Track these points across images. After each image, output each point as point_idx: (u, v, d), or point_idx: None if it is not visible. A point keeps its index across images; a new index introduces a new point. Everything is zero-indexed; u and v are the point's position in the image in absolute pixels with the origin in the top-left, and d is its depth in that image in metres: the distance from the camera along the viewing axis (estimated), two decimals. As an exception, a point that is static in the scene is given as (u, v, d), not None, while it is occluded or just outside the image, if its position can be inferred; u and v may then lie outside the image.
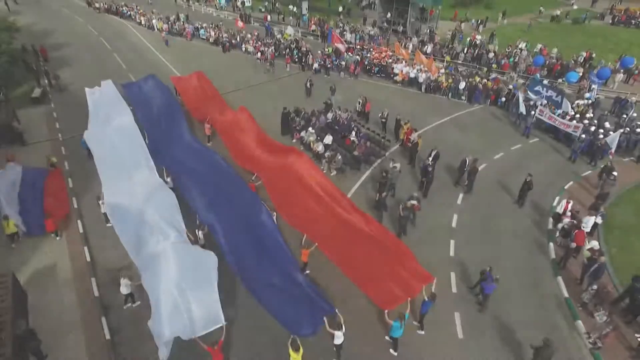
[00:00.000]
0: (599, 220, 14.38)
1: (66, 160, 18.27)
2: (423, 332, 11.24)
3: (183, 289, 10.34)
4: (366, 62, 28.81)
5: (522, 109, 22.18)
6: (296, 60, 29.91)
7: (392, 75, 27.77)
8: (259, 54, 30.43)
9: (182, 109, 21.64)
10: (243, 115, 20.13)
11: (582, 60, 29.83)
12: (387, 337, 10.93)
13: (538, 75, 26.34)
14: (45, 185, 15.80)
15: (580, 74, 27.83)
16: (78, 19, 42.26)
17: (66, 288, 12.35)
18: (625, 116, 21.60)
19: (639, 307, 11.28)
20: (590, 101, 23.45)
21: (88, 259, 13.35)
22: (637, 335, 11.05)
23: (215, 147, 19.47)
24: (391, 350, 10.75)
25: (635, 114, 21.73)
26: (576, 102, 23.53)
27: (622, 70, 27.34)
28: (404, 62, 27.83)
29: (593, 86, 24.18)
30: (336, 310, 10.76)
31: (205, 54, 32.57)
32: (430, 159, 17.27)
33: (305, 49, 29.88)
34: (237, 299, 12.15)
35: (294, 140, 20.58)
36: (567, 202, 14.89)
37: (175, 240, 11.91)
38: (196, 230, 13.34)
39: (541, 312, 12.13)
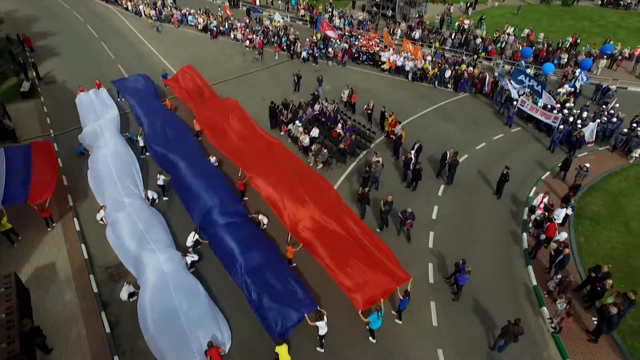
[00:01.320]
0: (569, 211, 15.25)
1: (59, 157, 18.61)
2: (401, 322, 12.17)
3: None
4: (354, 50, 28.95)
5: (515, 94, 22.47)
6: (284, 48, 29.96)
7: (379, 63, 28.02)
8: (248, 41, 30.40)
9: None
10: (231, 107, 20.57)
11: (567, 46, 30.19)
12: (367, 326, 11.86)
13: (523, 62, 26.69)
14: (34, 159, 16.22)
15: (565, 60, 28.35)
16: (62, 4, 41.42)
17: (66, 285, 13.10)
18: (604, 106, 22.22)
19: (596, 293, 12.25)
20: (571, 89, 23.99)
21: (86, 256, 14.05)
22: (593, 318, 12.09)
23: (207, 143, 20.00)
24: (370, 338, 11.69)
25: (617, 104, 22.33)
26: (558, 90, 24.11)
27: (605, 57, 27.75)
28: (391, 50, 28.00)
29: (576, 74, 24.65)
30: (317, 307, 11.59)
31: (194, 42, 32.38)
32: (413, 152, 17.90)
33: (293, 37, 29.86)
34: (229, 293, 12.98)
35: (282, 133, 21.07)
36: (544, 196, 15.62)
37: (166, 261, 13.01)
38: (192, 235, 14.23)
39: (511, 299, 13.10)
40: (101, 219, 15.18)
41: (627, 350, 11.28)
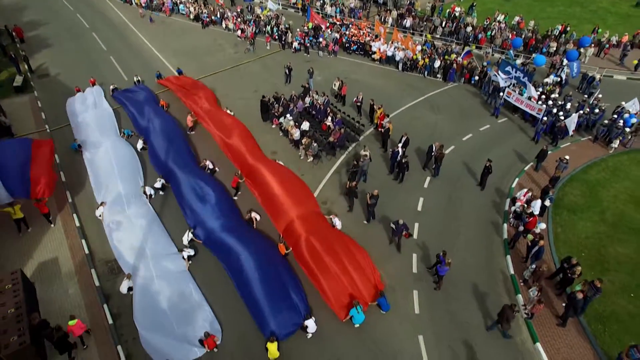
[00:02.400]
0: (548, 203, 16.02)
1: (56, 153, 19.01)
2: (384, 312, 13.02)
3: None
4: (345, 40, 29.13)
5: (503, 83, 22.88)
6: (276, 38, 30.06)
7: (370, 53, 28.27)
8: (240, 31, 30.44)
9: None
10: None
11: (557, 33, 30.45)
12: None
13: (512, 52, 27.04)
14: (33, 154, 16.67)
15: (554, 49, 28.70)
16: (51, -9, 40.86)
17: (69, 279, 13.82)
18: (586, 96, 22.77)
19: (567, 281, 13.13)
20: (557, 79, 24.47)
21: (86, 251, 14.73)
22: (563, 304, 13.00)
23: (201, 138, 20.50)
24: (355, 325, 12.56)
25: (600, 95, 22.86)
26: (545, 80, 24.60)
27: (592, 45, 28.11)
28: (382, 39, 28.21)
29: (563, 64, 25.08)
30: (307, 315, 12.31)
31: (186, 32, 32.33)
32: (400, 145, 18.49)
33: (283, 27, 29.93)
34: (224, 288, 13.77)
35: (273, 126, 21.55)
36: (527, 192, 16.18)
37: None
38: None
39: (489, 287, 13.94)
40: (100, 215, 15.82)
41: (591, 333, 12.23)
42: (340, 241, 14.24)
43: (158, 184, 17.10)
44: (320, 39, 28.71)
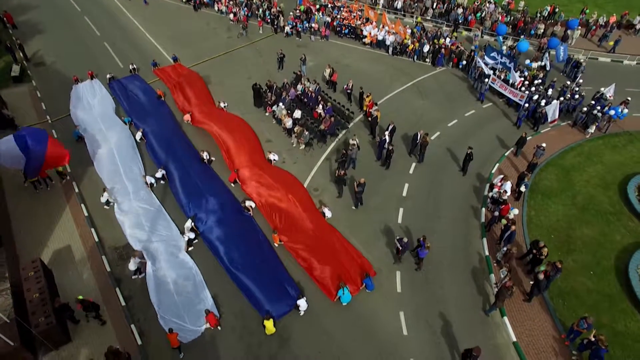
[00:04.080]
0: (523, 189, 17.27)
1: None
2: (369, 291, 14.46)
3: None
4: (336, 24, 29.45)
5: (487, 70, 23.72)
6: (268, 21, 30.29)
7: (361, 37, 28.70)
8: (232, 15, 30.60)
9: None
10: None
11: (546, 14, 30.85)
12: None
13: (500, 38, 27.56)
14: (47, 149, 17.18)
15: (542, 31, 29.22)
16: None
17: (82, 265, 15.10)
18: (568, 82, 23.61)
19: (536, 261, 14.55)
20: (542, 64, 25.19)
21: (96, 239, 15.96)
22: (531, 282, 14.46)
23: (198, 130, 21.36)
24: (343, 303, 14.04)
25: (581, 80, 23.70)
26: (530, 64, 25.32)
27: (579, 27, 28.63)
28: (373, 23, 28.57)
29: (546, 55, 25.64)
30: (299, 296, 13.72)
31: (178, 15, 32.41)
32: (387, 133, 19.48)
33: (276, 10, 30.11)
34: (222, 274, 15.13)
35: (267, 114, 22.40)
36: (502, 178, 17.32)
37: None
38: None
39: (465, 268, 15.34)
40: (106, 201, 16.94)
41: (553, 307, 13.75)
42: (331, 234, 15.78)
43: (159, 174, 18.13)
44: (312, 23, 29.01)
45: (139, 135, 20.27)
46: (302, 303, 13.24)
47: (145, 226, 16.15)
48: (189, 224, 15.88)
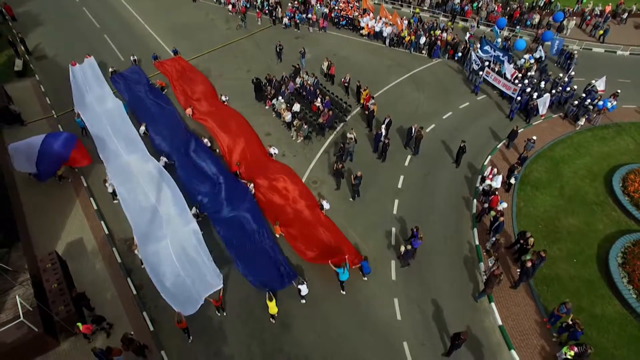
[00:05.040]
0: (513, 181, 18.07)
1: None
2: (365, 279, 15.39)
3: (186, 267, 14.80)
4: (333, 15, 29.71)
5: (475, 66, 24.39)
6: (266, 12, 30.51)
7: (358, 28, 29.01)
8: (230, 6, 30.77)
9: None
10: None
11: (542, 4, 31.12)
12: (339, 281, 15.08)
13: (497, 28, 27.90)
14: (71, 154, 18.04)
15: (537, 20, 29.56)
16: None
17: (94, 257, 15.96)
18: (561, 75, 24.14)
19: (523, 250, 15.45)
20: (536, 57, 25.65)
21: (106, 231, 16.78)
22: (518, 270, 15.40)
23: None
24: (341, 291, 14.97)
25: (573, 72, 24.25)
26: (524, 56, 25.79)
27: (573, 17, 28.96)
28: (370, 14, 28.85)
29: (539, 49, 26.04)
30: (297, 277, 14.78)
31: (176, 6, 32.49)
32: (384, 126, 20.14)
33: (274, 1, 30.30)
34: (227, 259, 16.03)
35: (267, 108, 22.97)
36: (492, 170, 18.04)
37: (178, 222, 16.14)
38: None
39: (456, 256, 16.25)
40: (113, 192, 17.70)
41: (537, 293, 14.73)
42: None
43: (162, 163, 18.83)
44: (310, 15, 29.27)
45: (142, 129, 20.87)
46: (303, 288, 14.14)
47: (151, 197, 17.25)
48: (194, 210, 16.71)
